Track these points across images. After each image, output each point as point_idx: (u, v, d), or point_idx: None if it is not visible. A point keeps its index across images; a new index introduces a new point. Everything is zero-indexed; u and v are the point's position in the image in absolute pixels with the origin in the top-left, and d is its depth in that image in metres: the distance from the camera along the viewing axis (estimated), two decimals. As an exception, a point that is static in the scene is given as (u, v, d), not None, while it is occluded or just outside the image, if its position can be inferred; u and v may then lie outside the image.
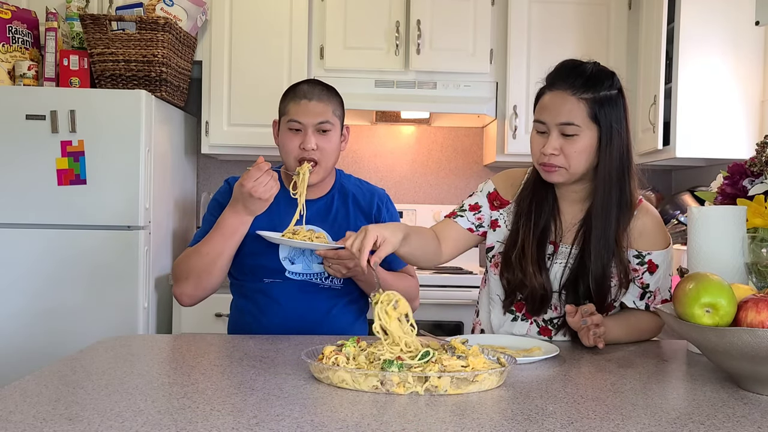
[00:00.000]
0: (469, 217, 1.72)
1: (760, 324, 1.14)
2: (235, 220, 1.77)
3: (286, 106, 1.86)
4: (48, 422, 0.97)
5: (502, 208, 1.72)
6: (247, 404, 1.07)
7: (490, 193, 1.74)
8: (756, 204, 1.40)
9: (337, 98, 1.89)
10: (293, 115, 1.82)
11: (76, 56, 2.89)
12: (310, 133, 1.81)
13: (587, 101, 1.53)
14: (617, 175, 1.57)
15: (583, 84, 1.54)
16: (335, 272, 1.76)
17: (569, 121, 1.53)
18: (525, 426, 0.99)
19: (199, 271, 1.80)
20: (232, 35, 3.17)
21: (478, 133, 3.66)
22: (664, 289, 1.64)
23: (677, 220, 2.79)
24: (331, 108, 1.85)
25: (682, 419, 1.04)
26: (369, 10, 3.19)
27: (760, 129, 2.79)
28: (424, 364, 1.18)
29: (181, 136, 3.24)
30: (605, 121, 1.54)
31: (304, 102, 1.82)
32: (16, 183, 2.68)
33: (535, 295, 1.60)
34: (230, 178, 1.94)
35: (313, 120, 1.81)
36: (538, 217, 1.63)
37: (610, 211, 1.57)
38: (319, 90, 1.85)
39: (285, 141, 1.85)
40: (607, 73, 1.58)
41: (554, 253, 1.63)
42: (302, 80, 1.93)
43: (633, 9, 3.22)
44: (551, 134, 1.55)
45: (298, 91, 1.85)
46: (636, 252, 1.61)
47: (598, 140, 1.55)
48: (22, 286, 2.68)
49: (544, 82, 1.61)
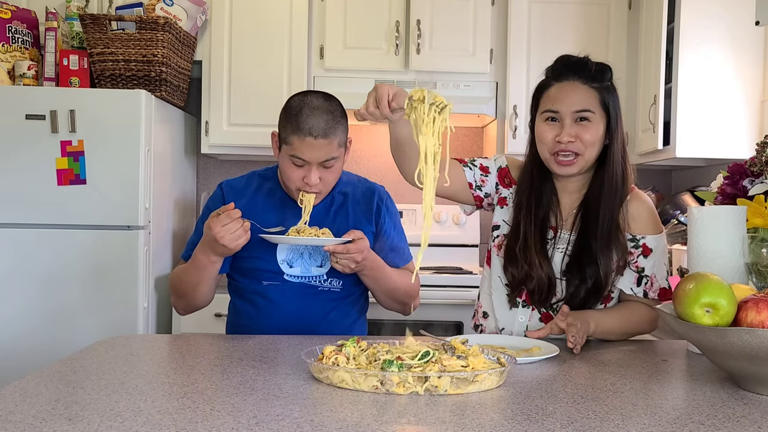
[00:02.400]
0: (476, 173, 1.75)
1: (760, 324, 1.14)
2: (204, 258, 1.75)
3: (288, 136, 1.74)
4: (48, 422, 0.97)
5: (511, 187, 1.75)
6: (247, 404, 1.07)
7: (501, 168, 1.77)
8: (756, 204, 1.40)
9: (341, 123, 1.77)
10: (296, 151, 1.72)
11: (76, 56, 2.89)
12: (314, 169, 1.74)
13: (597, 90, 1.61)
14: (621, 162, 1.64)
15: (591, 75, 1.61)
16: (343, 267, 1.72)
17: (586, 107, 1.59)
18: (525, 426, 0.99)
19: (184, 294, 1.83)
20: (232, 35, 3.17)
21: (478, 133, 3.66)
22: (661, 278, 1.67)
23: (677, 220, 2.79)
24: (336, 141, 1.74)
25: (682, 419, 1.04)
26: (369, 10, 3.19)
27: (760, 129, 2.78)
28: (424, 364, 1.18)
29: (181, 136, 3.24)
30: (612, 110, 1.62)
31: (309, 139, 1.70)
32: (16, 183, 2.68)
33: (542, 285, 1.64)
34: (224, 183, 1.92)
35: (318, 158, 1.73)
36: (537, 208, 1.67)
37: (614, 198, 1.63)
38: (324, 123, 1.72)
39: (286, 170, 1.77)
40: (605, 65, 1.66)
41: (554, 239, 1.67)
42: (303, 97, 1.78)
43: (633, 9, 3.22)
44: (565, 122, 1.60)
45: (302, 124, 1.71)
46: (630, 236, 1.66)
47: (606, 128, 1.62)
48: (22, 286, 2.68)
49: (545, 75, 1.67)
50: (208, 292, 1.83)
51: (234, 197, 1.86)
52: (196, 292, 1.81)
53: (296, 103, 1.77)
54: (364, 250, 1.73)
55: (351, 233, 1.73)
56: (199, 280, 1.78)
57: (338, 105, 1.80)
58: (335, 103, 1.79)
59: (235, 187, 1.91)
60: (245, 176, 1.96)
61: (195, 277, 1.78)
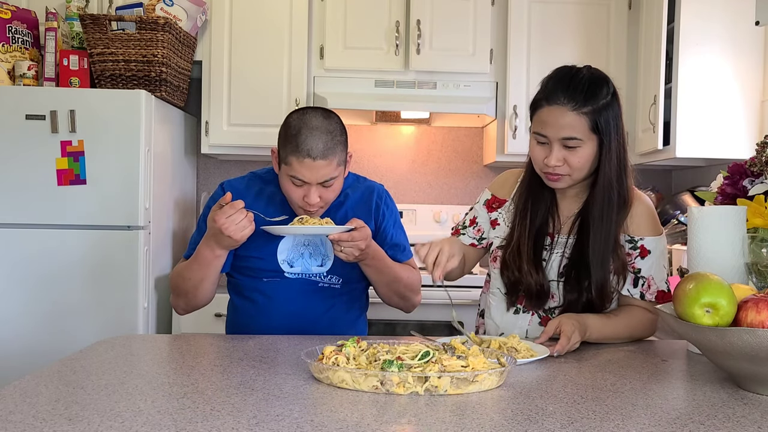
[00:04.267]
0: (470, 232, 1.80)
1: (760, 324, 1.14)
2: (209, 253, 1.74)
3: (288, 157, 1.72)
4: (48, 422, 0.97)
5: (500, 208, 1.77)
6: (247, 404, 1.07)
7: (488, 200, 1.81)
8: (756, 204, 1.40)
9: (341, 143, 1.75)
10: (296, 172, 1.71)
11: (76, 56, 2.89)
12: (313, 189, 1.73)
13: (587, 114, 1.55)
14: (616, 177, 1.60)
15: (582, 99, 1.54)
16: (347, 256, 1.71)
17: (571, 135, 1.55)
18: (525, 426, 0.99)
19: (185, 292, 1.82)
20: (232, 35, 3.17)
21: (478, 133, 3.66)
22: (659, 280, 1.65)
23: (677, 220, 2.79)
24: (336, 160, 1.73)
25: (682, 419, 1.04)
26: (369, 10, 3.19)
27: (760, 129, 2.78)
28: (424, 364, 1.18)
29: (181, 136, 3.24)
30: (605, 129, 1.56)
31: (308, 161, 1.69)
32: (16, 183, 2.68)
33: (531, 291, 1.65)
34: (225, 182, 1.92)
35: (317, 179, 1.72)
36: (534, 215, 1.67)
37: (610, 211, 1.61)
38: (323, 145, 1.70)
39: (286, 188, 1.77)
40: (602, 79, 1.59)
41: (551, 243, 1.67)
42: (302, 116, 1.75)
43: (633, 9, 3.22)
44: (553, 146, 1.58)
45: (301, 145, 1.69)
46: (629, 237, 1.65)
47: (599, 147, 1.58)
48: (22, 286, 2.68)
49: (539, 88, 1.61)
50: (210, 290, 1.82)
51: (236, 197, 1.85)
52: (198, 289, 1.80)
53: (295, 122, 1.74)
54: (367, 237, 1.72)
55: (353, 221, 1.73)
56: (203, 276, 1.78)
57: (337, 122, 1.78)
58: (334, 120, 1.77)
59: (237, 187, 1.90)
60: (246, 177, 1.95)
61: (199, 274, 1.78)
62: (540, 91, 1.61)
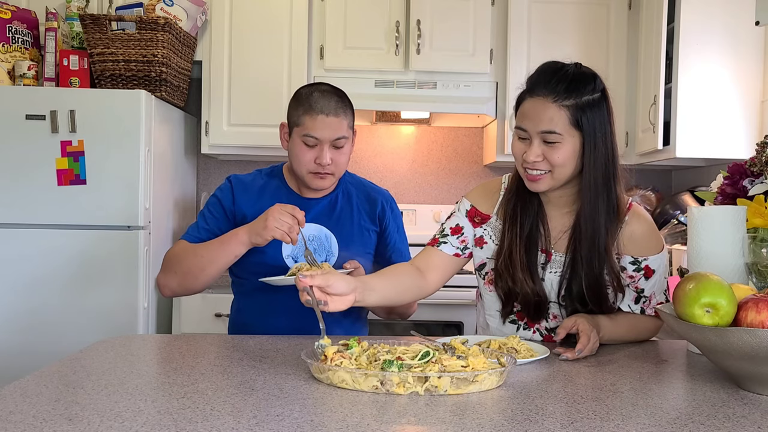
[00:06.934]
0: (453, 241, 1.68)
1: (760, 324, 1.14)
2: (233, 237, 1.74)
3: (300, 117, 1.81)
4: (48, 422, 0.97)
5: (484, 224, 1.68)
6: (247, 404, 1.07)
7: (468, 210, 1.69)
8: (756, 204, 1.40)
9: (349, 107, 1.87)
10: (309, 130, 1.79)
11: (76, 56, 2.88)
12: (326, 149, 1.80)
13: (569, 108, 1.48)
14: (603, 181, 1.53)
15: (564, 90, 1.48)
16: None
17: (550, 129, 1.48)
18: (525, 426, 0.99)
19: (186, 271, 1.80)
20: (232, 35, 3.17)
21: (478, 133, 3.66)
22: (660, 292, 1.63)
23: (677, 220, 2.79)
24: (347, 122, 1.83)
25: (682, 419, 1.04)
26: (369, 10, 3.19)
27: (760, 129, 2.79)
28: (424, 364, 1.18)
29: (181, 136, 3.24)
30: (589, 127, 1.49)
31: (321, 117, 1.79)
32: (16, 183, 2.68)
33: (528, 301, 1.58)
34: (232, 176, 1.95)
35: (330, 136, 1.80)
36: (523, 221, 1.60)
37: (597, 217, 1.53)
38: (335, 103, 1.81)
39: (298, 153, 1.82)
40: (588, 75, 1.53)
41: (548, 262, 1.60)
42: (312, 86, 1.88)
43: (633, 9, 3.22)
44: (533, 141, 1.51)
45: (314, 104, 1.80)
46: (632, 258, 1.59)
47: (582, 146, 1.51)
48: (21, 286, 2.68)
49: (524, 85, 1.56)
50: (214, 276, 1.81)
51: (242, 190, 1.90)
52: (204, 271, 1.78)
53: (306, 89, 1.86)
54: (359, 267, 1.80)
55: (350, 263, 1.79)
56: (216, 257, 1.76)
57: (345, 94, 1.89)
58: (342, 91, 1.89)
59: (243, 181, 1.94)
60: (251, 173, 1.99)
61: (213, 253, 1.76)
62: (524, 85, 1.56)
